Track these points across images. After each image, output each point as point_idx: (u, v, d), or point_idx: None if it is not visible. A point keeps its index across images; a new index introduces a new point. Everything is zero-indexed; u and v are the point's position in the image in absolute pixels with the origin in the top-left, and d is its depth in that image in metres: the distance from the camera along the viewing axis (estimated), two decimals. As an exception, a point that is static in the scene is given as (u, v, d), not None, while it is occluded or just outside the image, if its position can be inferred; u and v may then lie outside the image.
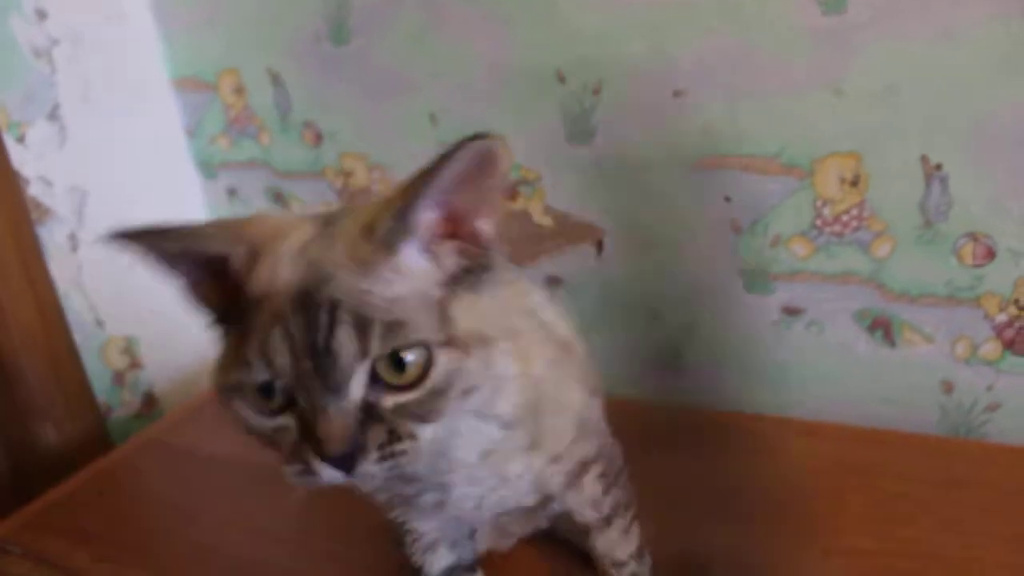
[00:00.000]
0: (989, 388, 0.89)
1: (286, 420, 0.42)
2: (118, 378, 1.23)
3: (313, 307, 0.41)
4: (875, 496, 0.80)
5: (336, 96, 1.13)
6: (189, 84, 1.25)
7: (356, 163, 1.16)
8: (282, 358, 0.41)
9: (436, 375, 0.42)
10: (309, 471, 0.42)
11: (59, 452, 1.11)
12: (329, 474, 0.41)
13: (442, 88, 1.05)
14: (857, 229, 0.89)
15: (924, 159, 0.84)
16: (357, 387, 0.41)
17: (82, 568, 0.84)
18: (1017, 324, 0.86)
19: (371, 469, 0.41)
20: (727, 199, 0.94)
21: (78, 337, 1.15)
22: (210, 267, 0.45)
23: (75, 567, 0.85)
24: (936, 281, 0.88)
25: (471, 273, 0.45)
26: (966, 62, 0.79)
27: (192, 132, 1.28)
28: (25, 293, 1.07)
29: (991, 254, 0.84)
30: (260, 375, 0.42)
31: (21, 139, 1.07)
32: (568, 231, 1.04)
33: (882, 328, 0.92)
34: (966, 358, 0.89)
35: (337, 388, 0.40)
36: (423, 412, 0.42)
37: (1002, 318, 0.86)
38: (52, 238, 1.12)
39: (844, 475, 0.83)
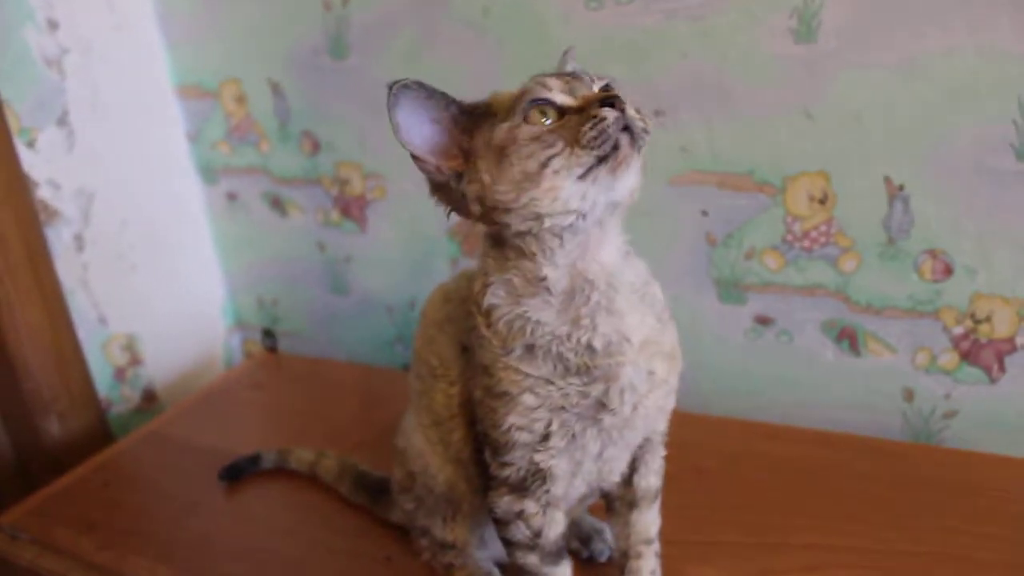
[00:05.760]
0: (947, 396, 0.95)
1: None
2: (119, 374, 1.27)
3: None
4: (829, 495, 0.85)
5: (334, 108, 1.18)
6: (192, 92, 1.29)
7: (352, 172, 1.21)
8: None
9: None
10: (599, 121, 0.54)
11: (62, 445, 1.16)
12: (614, 115, 0.54)
13: (435, 102, 1.09)
14: (825, 244, 0.95)
15: (887, 180, 0.89)
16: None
17: (88, 554, 0.88)
18: (972, 336, 0.91)
19: (634, 115, 0.54)
20: (704, 213, 0.99)
21: (82, 334, 1.19)
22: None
23: (81, 553, 0.88)
24: (899, 295, 0.93)
25: None
26: (925, 90, 0.84)
27: (194, 138, 1.33)
28: (32, 292, 1.11)
29: (949, 270, 0.90)
30: (558, 97, 0.58)
31: (31, 144, 1.11)
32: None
33: (848, 338, 0.97)
34: (926, 367, 0.95)
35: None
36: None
37: (959, 330, 0.91)
38: (59, 239, 1.16)
39: (802, 475, 0.88)
